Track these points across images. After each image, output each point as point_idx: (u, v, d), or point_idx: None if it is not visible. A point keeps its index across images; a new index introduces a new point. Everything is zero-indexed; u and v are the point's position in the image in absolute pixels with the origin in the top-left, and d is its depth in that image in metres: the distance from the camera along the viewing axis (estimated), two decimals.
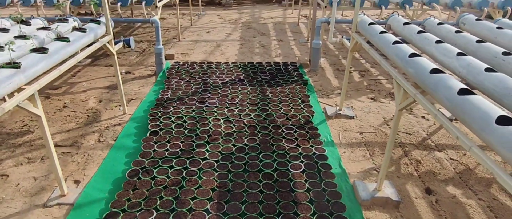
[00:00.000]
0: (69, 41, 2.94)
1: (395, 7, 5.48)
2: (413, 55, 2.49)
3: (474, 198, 2.85)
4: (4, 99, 2.39)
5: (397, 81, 2.48)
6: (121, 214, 2.48)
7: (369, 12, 8.81)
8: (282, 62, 5.65)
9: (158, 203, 2.56)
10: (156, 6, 5.36)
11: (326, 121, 3.94)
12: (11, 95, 2.26)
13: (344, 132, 3.77)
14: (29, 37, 2.84)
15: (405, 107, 2.43)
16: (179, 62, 5.63)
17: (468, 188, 2.97)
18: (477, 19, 3.51)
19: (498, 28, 3.13)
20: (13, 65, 2.30)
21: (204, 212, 2.47)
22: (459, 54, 2.45)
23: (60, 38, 2.98)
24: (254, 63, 5.57)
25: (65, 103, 4.36)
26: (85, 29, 3.28)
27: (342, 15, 9.35)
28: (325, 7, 5.57)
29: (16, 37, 2.86)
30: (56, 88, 4.79)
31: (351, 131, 3.81)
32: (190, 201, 2.58)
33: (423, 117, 4.14)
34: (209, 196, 2.63)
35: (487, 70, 2.13)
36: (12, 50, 2.39)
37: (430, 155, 3.40)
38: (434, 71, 2.18)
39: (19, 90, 2.31)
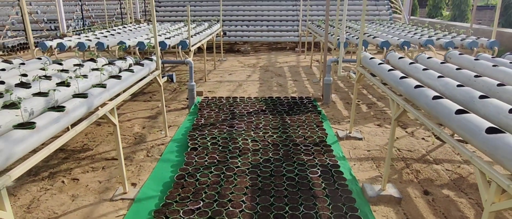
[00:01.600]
0: (133, 71, 3.77)
1: (396, 48, 6.28)
2: (402, 77, 3.20)
3: (465, 198, 3.39)
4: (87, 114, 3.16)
5: (392, 98, 3.18)
6: (174, 204, 3.11)
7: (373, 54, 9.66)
8: (298, 97, 6.41)
9: (203, 196, 3.20)
10: (190, 50, 6.29)
11: (338, 142, 4.59)
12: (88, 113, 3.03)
13: (354, 150, 4.40)
14: (103, 70, 3.69)
15: (398, 118, 3.10)
16: (208, 97, 6.45)
17: (460, 191, 3.51)
18: (460, 54, 4.24)
19: (475, 60, 3.85)
20: (102, 85, 3.10)
21: (241, 202, 3.09)
22: (439, 77, 3.16)
23: (126, 69, 3.82)
24: (274, 97, 6.34)
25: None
26: (143, 64, 4.14)
27: (350, 56, 10.21)
28: (334, 49, 6.41)
29: (93, 69, 3.71)
30: (104, 117, 5.60)
31: (360, 149, 4.43)
32: (229, 195, 3.21)
33: (423, 138, 4.75)
34: (243, 192, 3.26)
35: (458, 86, 2.82)
36: (103, 74, 3.22)
37: (428, 167, 3.97)
38: (417, 86, 2.88)
39: (103, 105, 3.09)
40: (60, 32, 14.71)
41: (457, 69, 3.50)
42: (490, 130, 1.91)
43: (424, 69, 3.49)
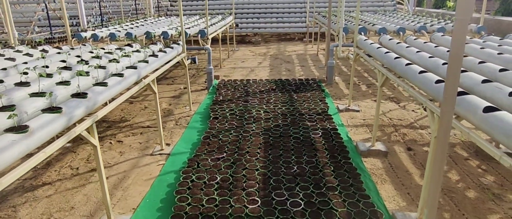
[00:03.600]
0: (166, 52, 4.57)
1: (392, 34, 6.95)
2: (387, 52, 3.92)
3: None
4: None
5: (378, 69, 3.90)
6: (203, 155, 3.90)
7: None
8: (304, 78, 7.15)
9: (225, 149, 3.99)
10: (208, 38, 7.07)
11: (338, 113, 5.33)
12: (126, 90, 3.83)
13: (351, 119, 5.13)
14: (145, 48, 4.49)
15: (383, 85, 3.82)
16: (224, 80, 7.24)
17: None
18: (442, 35, 4.93)
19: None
20: (144, 61, 3.90)
21: (256, 152, 3.87)
22: (417, 52, 3.87)
23: (160, 50, 4.63)
24: (283, 79, 7.09)
25: (145, 106, 5.97)
26: (173, 47, 4.94)
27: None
28: (337, 35, 7.11)
29: (134, 51, 4.51)
30: (136, 98, 6.44)
31: (357, 118, 5.16)
32: (247, 147, 3.99)
33: (413, 110, 5.45)
34: (258, 147, 4.03)
35: (429, 57, 3.54)
36: (148, 52, 4.03)
37: (414, 131, 4.69)
38: (396, 58, 3.60)
39: (145, 77, 3.89)
40: (81, 27, 15.67)
41: (435, 46, 4.20)
42: (437, 81, 2.64)
43: (407, 47, 4.20)
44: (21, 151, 1.90)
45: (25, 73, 3.33)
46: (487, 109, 2.07)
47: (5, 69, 3.64)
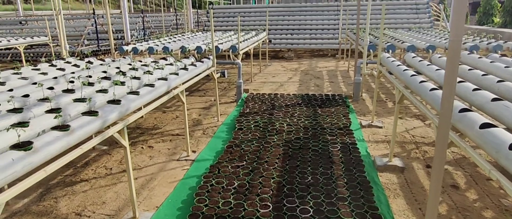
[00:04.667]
0: (196, 66, 4.94)
1: (422, 51, 6.93)
2: (405, 70, 4.02)
3: (461, 171, 4.08)
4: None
5: (395, 85, 4.00)
6: (224, 163, 4.16)
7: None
8: (331, 94, 7.27)
9: (246, 158, 4.22)
10: (239, 53, 7.43)
11: (360, 128, 5.41)
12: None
13: (373, 135, 5.20)
14: (177, 62, 4.89)
15: (400, 101, 3.90)
16: (253, 93, 7.53)
17: (459, 166, 4.19)
18: (469, 54, 4.91)
19: (479, 58, 4.52)
20: (175, 73, 4.27)
21: (274, 162, 4.07)
22: (437, 70, 3.93)
23: (191, 64, 5.00)
24: (309, 94, 7.26)
25: (177, 115, 6.37)
26: (203, 61, 5.30)
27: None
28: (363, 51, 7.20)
29: (167, 64, 4.92)
30: (169, 107, 6.87)
31: (378, 134, 5.22)
32: (266, 157, 4.20)
33: None
34: (277, 157, 4.23)
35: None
36: (180, 65, 4.40)
37: None
38: (412, 75, 3.69)
39: (175, 88, 4.25)
40: (125, 41, 16.78)
41: (459, 64, 4.22)
42: (461, 111, 2.73)
43: (427, 65, 4.26)
44: (63, 146, 2.25)
45: (71, 82, 3.79)
46: (483, 126, 2.16)
47: (56, 77, 4.15)
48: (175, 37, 9.73)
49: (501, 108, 2.58)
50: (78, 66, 5.13)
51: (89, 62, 5.53)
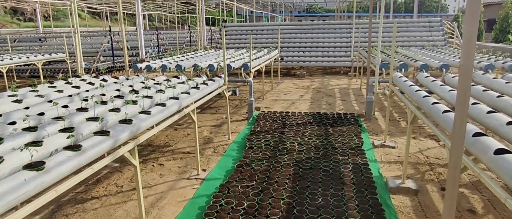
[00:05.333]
0: (207, 84, 4.99)
1: (435, 70, 6.85)
2: (417, 90, 3.97)
3: (478, 194, 3.96)
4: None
5: (407, 105, 3.95)
6: (234, 182, 4.14)
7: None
8: (343, 113, 7.22)
9: (256, 177, 4.20)
10: (250, 72, 7.48)
11: (372, 149, 5.33)
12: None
13: (386, 155, 5.11)
14: (188, 81, 4.95)
15: (412, 122, 3.85)
16: (264, 111, 7.53)
17: (476, 189, 4.07)
18: (483, 73, 4.83)
19: (494, 78, 4.44)
20: (186, 92, 4.32)
21: (284, 182, 4.03)
22: (450, 90, 3.88)
23: (203, 83, 5.06)
24: (321, 113, 7.22)
25: (188, 133, 6.40)
26: (214, 80, 5.36)
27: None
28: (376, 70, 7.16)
29: (179, 83, 4.99)
30: (180, 125, 6.92)
31: (391, 155, 5.13)
32: (276, 177, 4.17)
33: None
34: (287, 177, 4.19)
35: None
36: (191, 84, 4.46)
37: None
38: (425, 96, 3.64)
39: (187, 107, 4.29)
40: (139, 57, 17.12)
41: (472, 85, 4.16)
42: (475, 134, 2.68)
43: (441, 85, 4.21)
44: (74, 165, 2.28)
45: (85, 100, 3.87)
46: (498, 151, 2.10)
47: (70, 95, 4.24)
48: (188, 55, 9.88)
49: None
50: (92, 84, 5.23)
51: (103, 79, 5.65)
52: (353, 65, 12.78)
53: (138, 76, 6.02)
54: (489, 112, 2.98)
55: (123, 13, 37.78)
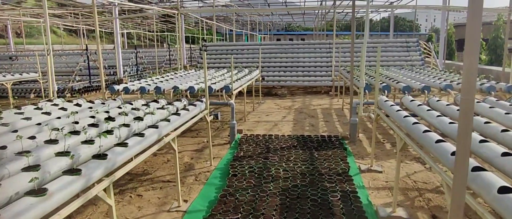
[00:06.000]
0: (188, 110, 4.76)
1: (418, 92, 6.88)
2: (406, 116, 3.89)
3: None
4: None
5: (396, 132, 3.85)
6: (218, 215, 3.89)
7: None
8: (327, 135, 7.11)
9: (241, 209, 3.96)
10: (232, 93, 7.30)
11: (359, 174, 5.20)
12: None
13: (373, 181, 4.99)
14: (168, 108, 4.71)
15: (402, 149, 3.75)
16: (247, 134, 7.33)
17: (466, 216, 3.98)
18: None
19: (477, 102, 4.44)
20: (166, 119, 4.08)
21: (271, 215, 3.81)
22: (438, 116, 3.81)
23: (183, 108, 4.83)
24: (305, 135, 7.09)
25: (168, 159, 6.11)
26: (195, 104, 5.14)
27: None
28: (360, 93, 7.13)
29: (158, 108, 4.74)
30: (160, 150, 6.60)
31: (379, 180, 5.01)
32: (262, 209, 3.94)
33: None
34: (274, 208, 3.98)
35: (450, 123, 3.48)
36: (171, 110, 4.22)
37: (440, 196, 4.47)
38: (415, 123, 3.56)
39: (167, 135, 4.04)
40: (117, 77, 16.69)
41: (457, 110, 4.12)
42: (475, 169, 2.57)
43: (428, 110, 4.15)
44: (37, 214, 2.01)
45: (56, 129, 3.57)
46: (502, 190, 1.98)
47: (39, 124, 3.92)
48: (168, 75, 9.63)
49: None
50: (65, 109, 4.90)
51: (77, 104, 5.32)
52: (334, 84, 12.84)
53: (115, 99, 5.73)
54: (482, 141, 2.90)
55: (101, 31, 37.20)
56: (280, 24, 58.37)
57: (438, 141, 2.93)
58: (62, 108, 4.91)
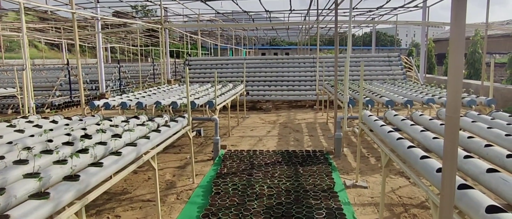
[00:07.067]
0: (169, 126, 4.62)
1: (401, 106, 6.93)
2: (390, 131, 3.86)
3: None
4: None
5: (381, 148, 3.81)
6: None
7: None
8: (312, 150, 7.05)
9: None
10: (216, 109, 7.19)
11: (344, 189, 5.13)
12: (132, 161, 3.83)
13: (359, 197, 4.92)
14: (147, 125, 4.56)
15: (387, 165, 3.70)
16: (231, 150, 7.20)
17: None
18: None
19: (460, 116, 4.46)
20: (146, 137, 3.93)
21: None
22: (422, 131, 3.80)
23: (164, 125, 4.69)
24: (290, 151, 7.01)
25: (149, 176, 5.91)
26: (177, 120, 5.01)
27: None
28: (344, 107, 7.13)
29: (138, 124, 4.59)
30: (140, 167, 6.40)
31: (364, 196, 4.95)
32: None
33: None
34: None
35: (433, 138, 3.46)
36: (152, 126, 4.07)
37: (425, 212, 4.42)
38: (399, 138, 3.52)
39: (146, 152, 3.89)
40: (99, 91, 16.35)
41: (440, 124, 4.12)
42: (461, 187, 2.52)
43: (411, 125, 4.14)
44: None
45: (28, 148, 3.38)
46: (490, 209, 1.93)
47: (11, 142, 3.72)
48: (151, 90, 9.46)
49: (498, 181, 2.39)
50: (40, 127, 4.70)
51: (53, 121, 5.12)
52: (318, 98, 12.87)
53: (94, 116, 5.54)
54: (466, 157, 2.87)
55: (84, 45, 36.69)
56: (265, 38, 58.98)
57: (423, 157, 2.89)
58: (37, 125, 4.71)
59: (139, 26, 20.99)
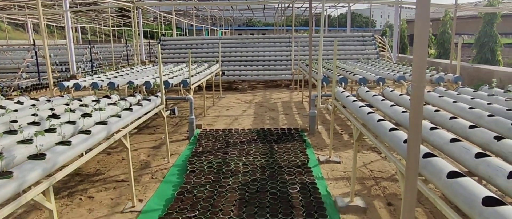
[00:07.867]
0: (142, 105, 4.53)
1: (373, 83, 7.07)
2: (361, 106, 3.94)
3: (421, 208, 3.99)
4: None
5: (353, 123, 3.89)
6: (175, 214, 3.73)
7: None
8: (287, 128, 7.12)
9: (198, 206, 3.83)
10: (190, 88, 7.10)
11: (318, 165, 5.24)
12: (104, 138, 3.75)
13: (332, 172, 5.04)
14: (118, 103, 4.45)
15: (358, 139, 3.79)
16: (206, 130, 7.17)
17: (419, 202, 4.12)
18: None
19: (428, 92, 4.60)
20: (117, 115, 3.84)
21: (230, 210, 3.72)
22: (392, 105, 3.89)
23: (136, 103, 4.59)
24: (265, 129, 7.05)
25: (123, 157, 5.82)
26: (150, 99, 4.91)
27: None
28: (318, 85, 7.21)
29: (109, 104, 4.47)
30: (114, 148, 6.29)
31: (337, 171, 5.08)
32: (220, 205, 3.84)
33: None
34: (233, 204, 3.89)
35: (403, 111, 3.55)
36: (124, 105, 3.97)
37: (395, 184, 4.60)
38: (370, 112, 3.60)
39: (118, 131, 3.81)
40: (70, 73, 15.75)
41: (409, 99, 4.24)
42: (426, 155, 2.61)
43: (382, 100, 4.23)
44: None
45: None
46: (451, 175, 2.02)
47: None
48: (123, 71, 9.20)
49: (460, 150, 2.50)
50: (3, 108, 4.49)
51: (18, 102, 4.90)
52: (293, 78, 12.94)
53: (63, 96, 5.35)
54: (432, 128, 2.97)
55: (53, 25, 35.03)
56: (241, 19, 58.24)
57: (392, 129, 2.97)
58: (0, 106, 4.50)
59: (110, 5, 20.19)
